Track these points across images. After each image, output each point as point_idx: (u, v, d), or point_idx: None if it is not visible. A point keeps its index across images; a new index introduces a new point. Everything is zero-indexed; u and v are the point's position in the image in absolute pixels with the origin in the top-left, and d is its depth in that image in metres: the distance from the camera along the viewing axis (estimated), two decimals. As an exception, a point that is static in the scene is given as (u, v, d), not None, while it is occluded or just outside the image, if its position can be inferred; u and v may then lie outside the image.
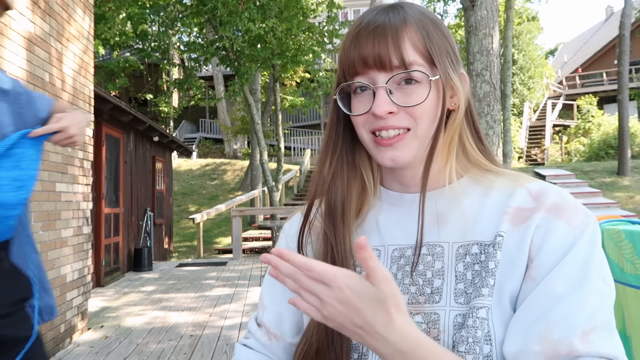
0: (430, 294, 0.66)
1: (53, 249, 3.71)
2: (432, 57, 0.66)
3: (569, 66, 30.01)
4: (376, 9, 0.70)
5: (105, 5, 10.57)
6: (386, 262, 0.72)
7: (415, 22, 0.67)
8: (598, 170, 14.38)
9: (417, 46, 0.66)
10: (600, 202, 10.83)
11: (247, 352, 0.78)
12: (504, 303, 0.62)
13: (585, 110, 21.42)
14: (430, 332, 0.64)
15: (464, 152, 0.73)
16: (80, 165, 4.20)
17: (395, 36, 0.65)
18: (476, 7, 5.75)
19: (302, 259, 0.54)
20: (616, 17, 24.61)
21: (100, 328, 4.55)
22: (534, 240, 0.62)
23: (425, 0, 21.38)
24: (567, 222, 0.62)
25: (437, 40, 0.68)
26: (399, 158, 0.67)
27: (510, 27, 11.79)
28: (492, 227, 0.65)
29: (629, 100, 16.08)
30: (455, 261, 0.66)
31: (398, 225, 0.73)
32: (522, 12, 24.44)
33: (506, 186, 0.68)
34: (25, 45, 3.33)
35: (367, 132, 0.69)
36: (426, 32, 0.67)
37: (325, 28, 12.05)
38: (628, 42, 13.75)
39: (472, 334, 0.61)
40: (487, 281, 0.62)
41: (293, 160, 19.09)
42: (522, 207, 0.65)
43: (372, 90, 0.67)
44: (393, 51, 0.65)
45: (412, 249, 0.70)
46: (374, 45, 0.65)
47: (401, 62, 0.65)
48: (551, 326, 0.58)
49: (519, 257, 0.62)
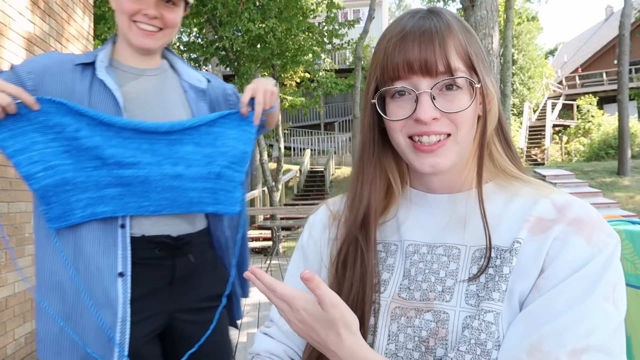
0: (441, 292, 0.67)
1: (53, 249, 3.71)
2: (473, 63, 0.67)
3: (568, 66, 30.01)
4: (415, 14, 0.70)
5: (105, 5, 10.56)
6: (401, 256, 0.72)
7: (457, 28, 0.68)
8: (598, 170, 14.38)
9: (460, 52, 0.67)
10: (601, 202, 10.83)
11: (268, 341, 0.79)
12: (515, 309, 0.62)
13: (585, 110, 21.42)
14: (439, 332, 0.64)
15: (491, 157, 0.73)
16: (80, 166, 4.20)
17: (442, 42, 0.66)
18: (476, 7, 5.75)
19: (269, 280, 0.60)
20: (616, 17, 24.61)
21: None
22: (549, 252, 0.62)
23: (425, 1, 21.38)
24: (586, 239, 0.61)
25: (475, 47, 0.69)
26: (440, 164, 0.68)
27: (510, 27, 11.79)
28: (511, 233, 0.66)
29: (629, 100, 16.09)
30: (470, 263, 0.67)
31: (417, 222, 0.74)
32: (522, 12, 24.43)
33: (530, 195, 0.68)
34: (24, 46, 3.33)
35: (404, 137, 0.69)
36: (466, 39, 0.68)
37: (325, 28, 12.04)
38: (628, 42, 13.75)
39: (476, 336, 0.61)
40: (499, 286, 0.62)
41: (293, 161, 19.09)
42: (543, 218, 0.64)
43: (414, 95, 0.67)
44: (440, 57, 0.65)
45: (428, 246, 0.71)
46: (420, 51, 0.66)
47: (447, 68, 0.66)
48: (543, 339, 0.58)
49: (533, 267, 0.62)
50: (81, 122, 1.18)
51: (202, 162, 1.28)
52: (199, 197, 1.28)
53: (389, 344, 0.67)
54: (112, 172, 1.19)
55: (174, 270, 1.29)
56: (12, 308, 3.15)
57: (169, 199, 1.24)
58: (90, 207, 1.19)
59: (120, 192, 1.20)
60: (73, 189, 1.18)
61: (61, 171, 1.17)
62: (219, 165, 1.29)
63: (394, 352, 0.67)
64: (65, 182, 1.17)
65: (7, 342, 3.09)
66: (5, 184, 3.08)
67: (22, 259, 3.28)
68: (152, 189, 1.22)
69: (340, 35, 11.96)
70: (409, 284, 0.70)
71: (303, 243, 0.83)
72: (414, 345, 0.66)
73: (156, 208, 1.23)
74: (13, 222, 3.16)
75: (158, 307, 1.28)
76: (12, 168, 3.13)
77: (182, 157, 1.26)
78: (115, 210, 1.20)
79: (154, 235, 1.26)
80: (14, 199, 3.18)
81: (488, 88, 0.69)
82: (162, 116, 1.28)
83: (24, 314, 3.31)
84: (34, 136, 1.16)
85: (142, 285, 1.24)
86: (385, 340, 0.68)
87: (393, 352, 0.67)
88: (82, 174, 1.18)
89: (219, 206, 1.31)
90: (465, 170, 0.72)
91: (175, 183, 1.24)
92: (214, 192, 1.30)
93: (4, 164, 3.06)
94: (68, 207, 1.18)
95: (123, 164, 1.20)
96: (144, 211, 1.22)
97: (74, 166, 1.18)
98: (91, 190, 1.19)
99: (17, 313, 3.22)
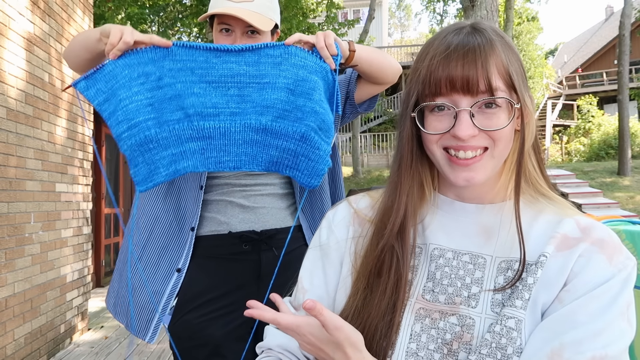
0: (467, 298, 0.68)
1: (53, 249, 3.71)
2: (513, 82, 0.68)
3: (569, 66, 30.00)
4: (460, 30, 0.71)
5: (105, 5, 10.56)
6: (425, 259, 0.74)
7: (499, 47, 0.69)
8: (598, 170, 14.38)
9: (501, 72, 0.68)
10: (601, 202, 10.83)
11: (281, 336, 0.79)
12: (537, 319, 0.65)
13: (585, 111, 21.41)
14: (464, 336, 0.66)
15: (524, 173, 0.74)
16: (80, 166, 4.20)
17: (485, 61, 0.67)
18: (476, 7, 5.75)
19: (270, 316, 0.63)
20: (616, 17, 24.62)
21: (100, 328, 4.55)
22: (574, 267, 0.65)
23: (425, 1, 21.37)
24: (608, 258, 0.65)
25: (516, 65, 0.70)
26: (474, 179, 0.69)
27: (510, 27, 11.79)
28: (538, 247, 0.68)
29: (629, 100, 16.08)
30: (496, 273, 0.69)
31: (443, 228, 0.75)
32: (522, 12, 24.43)
33: (555, 214, 0.71)
34: (24, 46, 3.33)
35: (440, 149, 0.71)
36: (508, 57, 0.69)
37: (324, 28, 12.04)
38: (628, 42, 13.75)
39: (497, 340, 0.63)
40: (522, 294, 0.65)
41: (293, 161, 19.04)
42: (568, 236, 0.68)
43: (453, 112, 0.68)
44: (481, 76, 0.67)
45: (454, 252, 0.72)
46: (463, 69, 0.67)
47: (487, 87, 0.67)
48: (564, 346, 0.60)
49: (558, 280, 0.65)
50: (162, 69, 1.13)
51: (291, 117, 1.15)
52: (280, 156, 1.18)
53: (410, 343, 0.69)
54: (193, 124, 1.14)
55: (260, 265, 1.31)
56: (12, 308, 3.15)
57: (250, 154, 1.17)
58: (174, 164, 1.16)
59: (202, 145, 1.17)
60: (156, 147, 1.14)
61: (144, 128, 1.12)
62: (307, 125, 1.14)
63: (415, 351, 0.68)
64: (148, 140, 1.13)
65: (7, 342, 3.09)
66: (5, 184, 3.08)
67: (22, 259, 3.28)
68: (232, 142, 1.17)
69: (340, 35, 11.95)
70: (434, 287, 0.71)
71: (322, 241, 0.84)
72: (436, 346, 0.67)
73: (235, 164, 1.18)
74: (13, 222, 3.16)
75: (244, 302, 1.28)
76: (12, 168, 3.13)
77: (271, 105, 1.14)
78: (196, 165, 1.18)
79: (240, 231, 1.34)
80: (14, 199, 3.18)
81: (527, 106, 0.70)
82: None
83: (24, 314, 3.31)
84: (120, 93, 1.11)
85: (229, 280, 1.28)
86: (407, 339, 0.69)
87: (414, 351, 0.68)
88: (165, 128, 1.14)
89: (297, 172, 1.19)
90: (497, 183, 0.74)
91: (257, 137, 1.16)
92: (295, 156, 1.17)
93: (4, 164, 3.06)
94: (153, 165, 1.15)
95: (204, 114, 1.14)
96: (224, 167, 1.18)
97: (156, 121, 1.13)
98: (173, 145, 1.15)
99: (17, 313, 3.22)
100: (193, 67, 1.13)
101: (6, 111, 3.09)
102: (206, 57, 1.13)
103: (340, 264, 0.80)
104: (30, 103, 3.40)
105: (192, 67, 1.13)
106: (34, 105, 3.45)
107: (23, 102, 3.30)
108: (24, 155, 3.30)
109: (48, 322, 3.65)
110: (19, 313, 3.25)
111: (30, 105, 3.40)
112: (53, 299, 3.72)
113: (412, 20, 63.81)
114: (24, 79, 3.32)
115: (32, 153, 3.41)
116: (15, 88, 3.21)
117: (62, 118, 3.91)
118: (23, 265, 3.29)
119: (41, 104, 3.56)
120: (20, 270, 3.25)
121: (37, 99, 3.51)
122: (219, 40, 1.35)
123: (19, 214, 3.24)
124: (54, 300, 3.73)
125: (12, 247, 3.16)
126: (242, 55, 1.14)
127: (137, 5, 11.73)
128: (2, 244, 3.04)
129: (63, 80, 3.93)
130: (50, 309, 3.67)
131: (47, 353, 3.65)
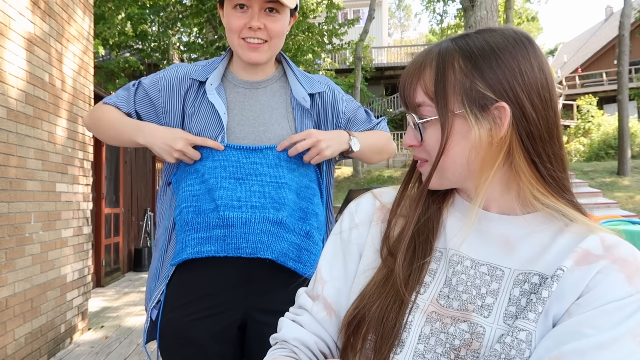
0: (480, 307, 0.68)
1: (53, 249, 3.71)
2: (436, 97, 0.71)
3: (568, 66, 30.00)
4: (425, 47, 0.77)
5: (105, 5, 10.56)
6: (444, 264, 0.73)
7: (436, 62, 0.72)
8: (598, 170, 14.39)
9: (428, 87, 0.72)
10: (600, 202, 10.83)
11: (299, 330, 0.77)
12: (547, 331, 0.64)
13: (585, 111, 21.41)
14: (472, 344, 0.66)
15: (557, 185, 0.71)
16: (80, 166, 4.21)
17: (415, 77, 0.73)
18: (476, 7, 5.75)
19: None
20: (616, 17, 24.60)
21: (100, 328, 4.55)
22: (589, 283, 0.63)
23: (425, 1, 21.37)
24: (627, 277, 0.62)
25: (457, 77, 0.69)
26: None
27: (510, 27, 11.78)
28: (556, 261, 0.67)
29: (629, 100, 16.09)
30: (512, 285, 0.68)
31: (460, 232, 0.74)
32: (521, 12, 24.42)
33: (581, 230, 0.69)
34: (25, 46, 3.33)
35: None
36: (443, 70, 0.70)
37: (325, 28, 12.05)
38: (628, 42, 13.76)
39: (506, 352, 0.62)
40: (536, 307, 0.64)
41: (293, 161, 19.02)
42: (590, 252, 0.65)
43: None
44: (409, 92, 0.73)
45: (472, 261, 0.71)
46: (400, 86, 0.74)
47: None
48: (564, 355, 0.59)
49: (572, 294, 0.64)
50: (205, 167, 1.31)
51: (297, 216, 1.33)
52: (287, 249, 1.31)
53: (418, 344, 0.69)
54: (220, 214, 1.28)
55: (250, 268, 1.30)
56: (12, 308, 3.15)
57: (265, 242, 1.28)
58: (199, 245, 1.29)
59: (224, 233, 1.29)
60: (191, 230, 1.30)
61: (186, 212, 1.31)
62: (310, 224, 1.35)
63: (422, 352, 0.68)
64: (186, 222, 1.30)
65: (7, 342, 3.09)
66: (5, 184, 3.08)
67: (23, 259, 3.29)
68: (251, 231, 1.28)
69: (340, 34, 11.96)
70: (449, 293, 0.71)
71: (343, 230, 0.83)
72: (444, 350, 0.67)
73: (252, 250, 1.28)
74: (13, 222, 3.17)
75: (232, 304, 1.30)
76: (12, 168, 3.14)
77: (286, 204, 1.31)
78: (218, 250, 1.28)
79: None
80: (14, 199, 3.18)
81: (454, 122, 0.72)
82: (262, 133, 1.35)
83: (24, 313, 3.31)
84: (180, 181, 1.36)
85: (217, 281, 1.29)
86: (416, 339, 0.69)
87: (421, 352, 0.68)
88: (202, 216, 1.29)
89: (299, 265, 1.32)
90: (514, 193, 0.72)
91: (273, 229, 1.29)
92: (299, 250, 1.33)
93: (4, 164, 3.06)
94: (183, 244, 1.30)
95: (229, 206, 1.28)
96: (241, 252, 1.28)
97: (196, 209, 1.30)
98: (203, 230, 1.29)
99: (17, 313, 3.22)
100: (225, 165, 1.31)
101: (6, 111, 3.09)
102: (237, 157, 1.32)
103: (359, 256, 0.80)
104: (30, 103, 3.40)
105: (225, 165, 1.31)
106: (34, 105, 3.46)
107: (23, 102, 3.31)
108: (25, 155, 3.31)
109: (48, 322, 3.65)
110: (20, 313, 3.25)
111: (30, 105, 3.40)
112: (53, 299, 3.72)
113: (412, 20, 63.85)
114: (25, 79, 3.33)
115: (33, 153, 3.41)
116: (16, 88, 3.21)
117: (63, 118, 3.91)
118: (23, 265, 3.29)
119: (41, 104, 3.57)
120: (20, 270, 3.25)
121: (38, 99, 3.51)
122: (232, 19, 1.30)
123: (19, 214, 3.24)
124: (54, 300, 3.73)
125: (13, 247, 3.16)
126: (265, 157, 1.32)
127: (137, 5, 11.73)
128: (3, 243, 3.04)
129: (63, 80, 3.94)
130: (50, 308, 3.67)
131: (48, 353, 3.65)
